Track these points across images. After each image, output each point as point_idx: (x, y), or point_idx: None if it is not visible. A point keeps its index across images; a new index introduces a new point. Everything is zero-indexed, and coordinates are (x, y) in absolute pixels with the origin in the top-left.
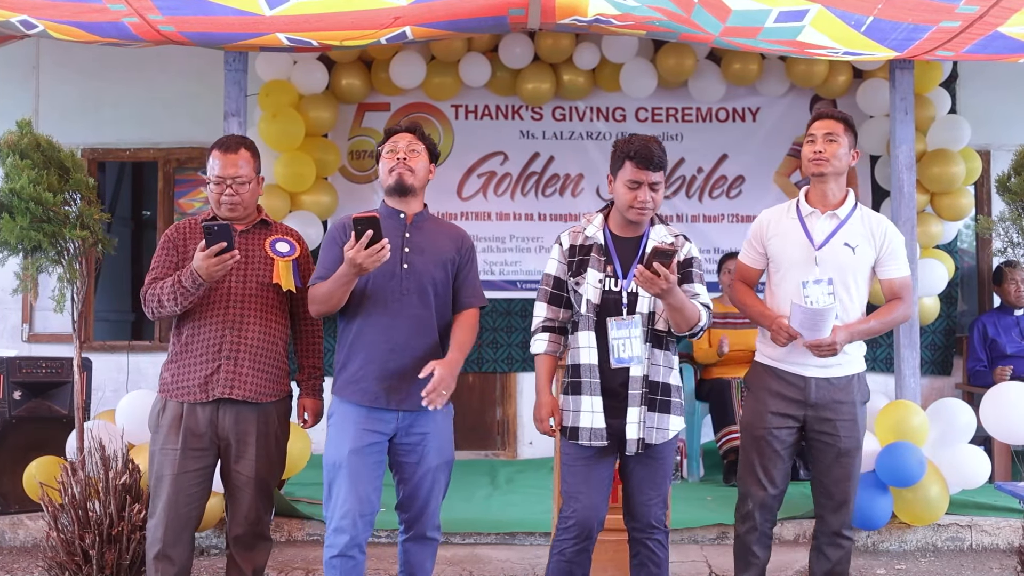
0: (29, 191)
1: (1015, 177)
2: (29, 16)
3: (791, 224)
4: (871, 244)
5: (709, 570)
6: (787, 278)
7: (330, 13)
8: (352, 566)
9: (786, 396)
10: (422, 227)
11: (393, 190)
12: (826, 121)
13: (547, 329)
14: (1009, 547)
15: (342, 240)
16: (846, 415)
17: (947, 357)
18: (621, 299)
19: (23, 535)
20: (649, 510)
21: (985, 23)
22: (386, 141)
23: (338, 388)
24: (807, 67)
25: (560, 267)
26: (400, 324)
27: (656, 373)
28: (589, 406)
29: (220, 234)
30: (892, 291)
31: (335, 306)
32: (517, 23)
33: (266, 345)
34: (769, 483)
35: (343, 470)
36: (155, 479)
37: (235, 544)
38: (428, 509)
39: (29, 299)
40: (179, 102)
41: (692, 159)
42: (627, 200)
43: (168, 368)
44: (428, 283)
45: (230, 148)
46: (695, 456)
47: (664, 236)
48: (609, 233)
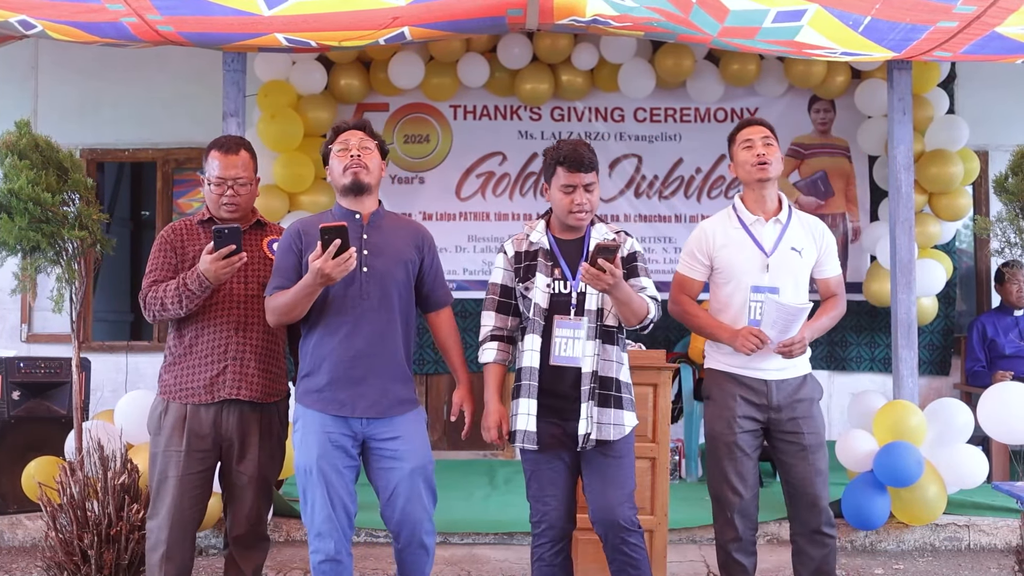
0: (27, 191)
1: (1012, 177)
2: (28, 16)
3: (738, 233)
4: (814, 246)
5: (707, 570)
6: (739, 289)
7: (328, 13)
8: (341, 570)
9: (750, 401)
10: (379, 226)
11: (349, 189)
12: (758, 127)
13: (495, 338)
14: (1007, 547)
15: (297, 247)
16: (807, 412)
17: (945, 357)
18: (570, 300)
19: (22, 535)
20: (617, 511)
21: (982, 23)
22: (335, 139)
23: (300, 396)
24: (805, 68)
25: (506, 275)
26: (362, 330)
27: (608, 368)
28: (525, 408)
29: (230, 237)
30: (829, 289)
31: (296, 317)
32: (515, 23)
33: (269, 346)
34: (744, 488)
35: (313, 476)
36: (158, 481)
37: (235, 544)
38: (411, 517)
39: (28, 299)
40: (178, 102)
41: (690, 159)
42: (564, 205)
43: (170, 370)
44: (390, 285)
45: (231, 149)
46: (693, 456)
47: (605, 234)
48: (552, 237)
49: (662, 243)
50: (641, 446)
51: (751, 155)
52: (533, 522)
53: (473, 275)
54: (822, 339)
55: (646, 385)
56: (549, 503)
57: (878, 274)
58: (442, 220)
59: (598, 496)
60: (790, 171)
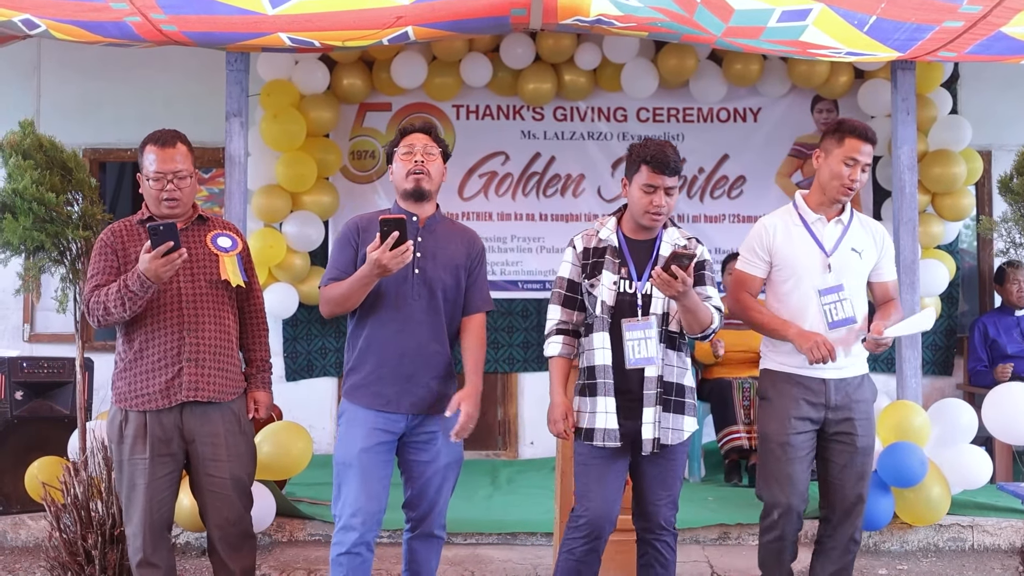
0: (32, 191)
1: (1018, 177)
2: (31, 15)
3: (798, 231)
4: (874, 248)
5: (711, 570)
6: (799, 286)
7: (332, 12)
8: (360, 563)
9: (808, 401)
10: (434, 230)
11: (410, 195)
12: (868, 146)
13: (561, 332)
14: (1011, 547)
15: (355, 242)
16: (864, 413)
17: (948, 357)
18: (636, 301)
19: (25, 535)
20: (659, 511)
21: (988, 23)
22: (400, 141)
23: (348, 391)
24: (808, 67)
25: (574, 270)
26: (411, 329)
27: (670, 374)
28: (603, 407)
29: (166, 234)
30: (887, 293)
31: (351, 307)
32: (519, 23)
33: (223, 343)
34: (795, 491)
35: (353, 469)
36: (127, 489)
37: (221, 546)
38: (436, 507)
39: (31, 299)
40: (180, 102)
41: (693, 159)
42: (642, 205)
43: (122, 376)
44: (439, 289)
45: (167, 143)
46: (696, 456)
47: (677, 239)
48: (623, 236)
49: None
50: None
51: (846, 174)
52: (573, 515)
53: None
54: None
55: None
56: (594, 501)
57: None
58: None
59: (646, 493)
60: (793, 171)
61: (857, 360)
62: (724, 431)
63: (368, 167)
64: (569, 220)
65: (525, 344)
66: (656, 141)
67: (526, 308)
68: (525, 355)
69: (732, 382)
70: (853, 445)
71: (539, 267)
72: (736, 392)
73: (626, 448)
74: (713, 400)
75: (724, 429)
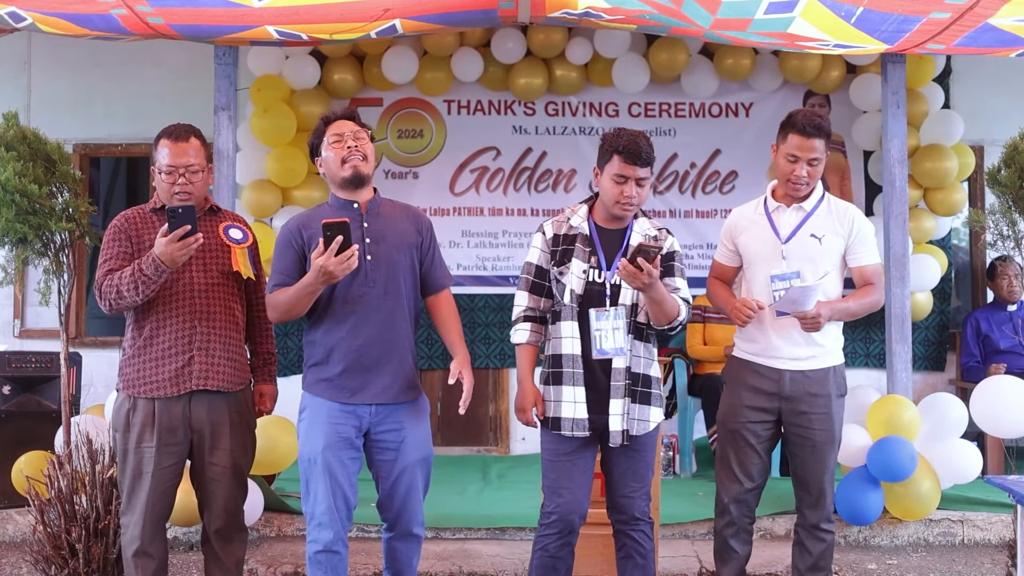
0: (14, 183)
1: (1005, 170)
2: (17, 8)
3: (759, 220)
4: (839, 233)
5: (700, 565)
6: (757, 273)
7: (319, 5)
8: (337, 561)
9: (761, 389)
10: (378, 213)
11: (349, 182)
12: (813, 142)
13: (528, 319)
14: (1001, 542)
15: (297, 243)
16: (820, 408)
17: (940, 353)
18: (604, 290)
19: (12, 530)
20: (633, 502)
21: (975, 14)
22: (326, 131)
23: (308, 384)
24: (800, 62)
25: (543, 256)
26: (370, 318)
27: (637, 365)
28: (571, 396)
29: (184, 217)
30: (863, 277)
31: (298, 314)
32: (507, 16)
33: (232, 334)
34: (745, 477)
35: (318, 466)
36: (131, 477)
37: (217, 538)
38: (409, 507)
39: (20, 295)
40: (170, 97)
41: (685, 154)
42: (613, 195)
43: (131, 363)
44: (395, 271)
45: (180, 137)
46: (687, 451)
47: (647, 229)
48: (594, 224)
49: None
50: None
51: (790, 170)
52: (544, 512)
53: (467, 270)
54: None
55: None
56: (564, 495)
57: None
58: (436, 215)
59: (619, 486)
60: None
61: (821, 352)
62: (715, 427)
63: None
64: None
65: None
66: (629, 131)
67: None
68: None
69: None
70: (809, 440)
71: None
72: None
73: (594, 440)
74: (704, 396)
75: (715, 425)
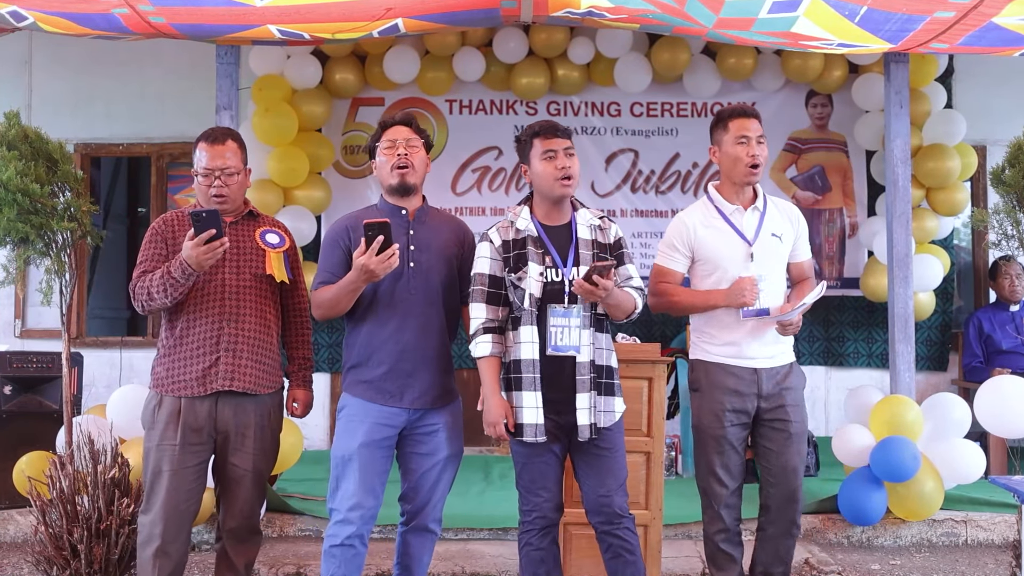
0: (16, 182)
1: (1009, 169)
2: (19, 7)
3: (717, 223)
4: (792, 230)
5: (703, 566)
6: (725, 278)
7: (321, 4)
8: (353, 555)
9: (740, 392)
10: (424, 222)
11: (396, 190)
12: (753, 121)
13: (488, 330)
14: (1004, 542)
15: (344, 243)
16: (795, 400)
17: (943, 353)
18: (563, 288)
19: (13, 531)
20: (612, 500)
21: (979, 13)
22: (381, 135)
23: (348, 385)
24: (802, 62)
25: (494, 264)
26: (409, 324)
27: (600, 356)
28: (532, 401)
29: (208, 221)
30: (802, 272)
31: (341, 311)
32: (510, 15)
33: (263, 337)
34: (731, 480)
35: (353, 463)
36: (152, 475)
37: (229, 537)
38: (432, 500)
39: (21, 295)
40: (171, 97)
41: (687, 154)
42: (549, 172)
43: (162, 362)
44: (435, 280)
45: (217, 140)
46: (689, 452)
47: (591, 219)
48: (538, 223)
49: (658, 238)
50: (636, 440)
51: (744, 154)
52: (523, 511)
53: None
54: (819, 335)
55: (640, 379)
56: (540, 495)
57: (875, 269)
58: None
59: (593, 487)
60: (787, 166)
61: (784, 348)
62: None
63: (361, 162)
64: None
65: None
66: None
67: None
68: None
69: None
70: (787, 431)
71: None
72: None
73: (561, 440)
74: None
75: None
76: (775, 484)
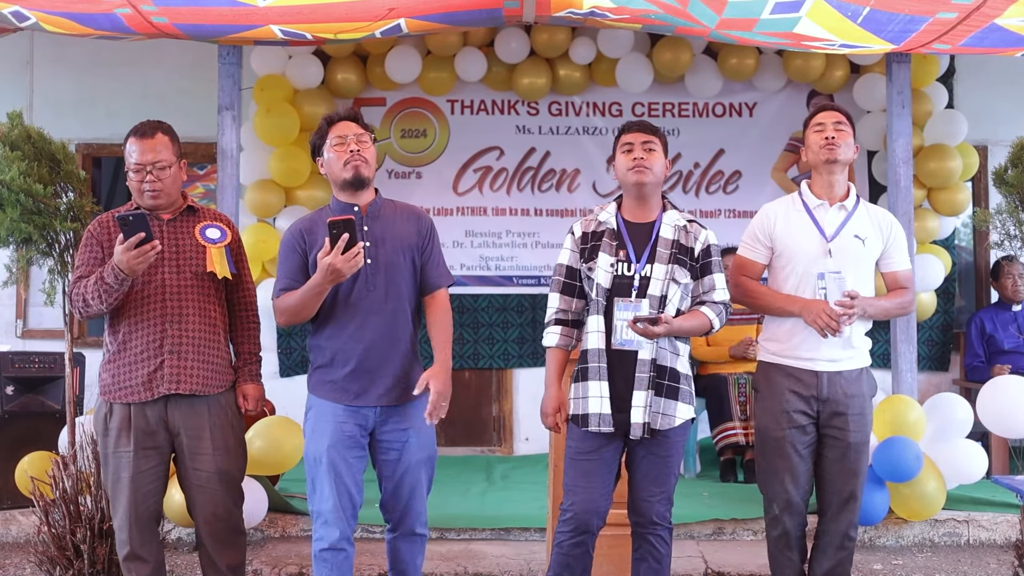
0: (19, 183)
1: (1012, 169)
2: (21, 7)
3: (799, 216)
4: (879, 237)
5: (705, 566)
6: (796, 271)
7: (324, 4)
8: (343, 558)
9: (800, 393)
10: (379, 215)
11: (349, 184)
12: (833, 112)
13: (560, 322)
14: (1006, 542)
15: (301, 247)
16: (856, 409)
17: (945, 353)
18: (633, 283)
19: (15, 531)
20: (651, 506)
21: (982, 15)
22: (328, 132)
23: (313, 386)
24: (804, 62)
25: (572, 256)
26: (372, 321)
27: (664, 358)
28: (597, 391)
29: (136, 224)
30: (896, 282)
31: (307, 316)
32: (512, 16)
33: (208, 336)
34: (793, 485)
35: (323, 465)
36: (112, 482)
37: (208, 540)
38: (412, 508)
39: (23, 295)
40: (173, 97)
41: (689, 154)
42: (625, 164)
43: (107, 369)
44: (395, 274)
45: (147, 133)
46: (692, 452)
47: (677, 220)
48: (622, 219)
49: None
50: None
51: (820, 137)
52: (562, 508)
53: (471, 270)
54: None
55: None
56: (579, 494)
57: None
58: (439, 215)
59: (639, 488)
60: (789, 166)
61: (855, 353)
62: (719, 427)
63: None
64: (564, 215)
65: (520, 340)
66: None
67: (521, 304)
68: (520, 351)
69: (727, 378)
70: (845, 441)
71: (534, 262)
72: (731, 388)
73: (618, 439)
74: (708, 396)
75: (719, 425)
76: (829, 492)
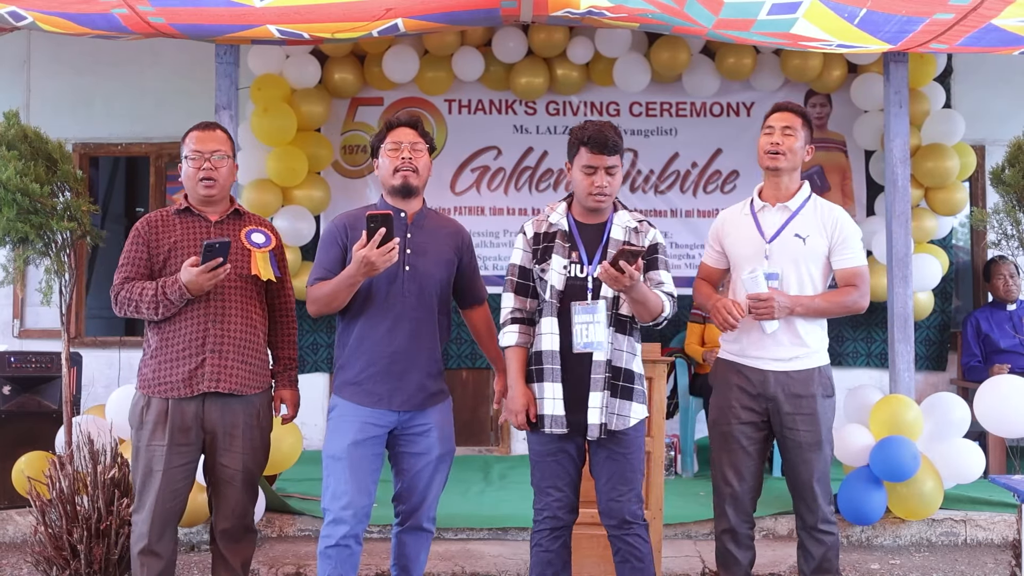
0: (16, 182)
1: (1009, 169)
2: (18, 7)
3: (744, 220)
4: (822, 234)
5: (703, 565)
6: (740, 275)
7: (321, 4)
8: (348, 555)
9: (746, 390)
10: (423, 226)
11: (398, 191)
12: (784, 114)
13: (516, 320)
14: (1003, 542)
15: (342, 240)
16: (805, 409)
17: (942, 352)
18: (586, 284)
19: (12, 531)
20: (622, 506)
21: (979, 15)
22: (386, 136)
23: (338, 388)
24: (801, 61)
25: (524, 256)
26: (401, 327)
27: (619, 359)
28: (551, 393)
29: (220, 251)
30: (845, 279)
31: (337, 307)
32: (509, 15)
33: (249, 337)
34: (737, 479)
35: (343, 462)
36: (142, 475)
37: (222, 538)
38: (426, 500)
39: (20, 295)
40: (170, 97)
41: (686, 154)
42: (585, 187)
43: (148, 364)
44: (429, 285)
45: (207, 127)
46: (689, 451)
47: (628, 221)
48: (573, 220)
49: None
50: None
51: (767, 142)
52: (535, 509)
53: None
54: None
55: None
56: (551, 494)
57: (875, 269)
58: None
59: (607, 490)
60: None
61: (806, 352)
62: None
63: (360, 162)
64: None
65: None
66: (595, 122)
67: None
68: None
69: None
70: (795, 441)
71: None
72: None
73: (577, 437)
74: (705, 395)
75: None
76: (792, 489)
